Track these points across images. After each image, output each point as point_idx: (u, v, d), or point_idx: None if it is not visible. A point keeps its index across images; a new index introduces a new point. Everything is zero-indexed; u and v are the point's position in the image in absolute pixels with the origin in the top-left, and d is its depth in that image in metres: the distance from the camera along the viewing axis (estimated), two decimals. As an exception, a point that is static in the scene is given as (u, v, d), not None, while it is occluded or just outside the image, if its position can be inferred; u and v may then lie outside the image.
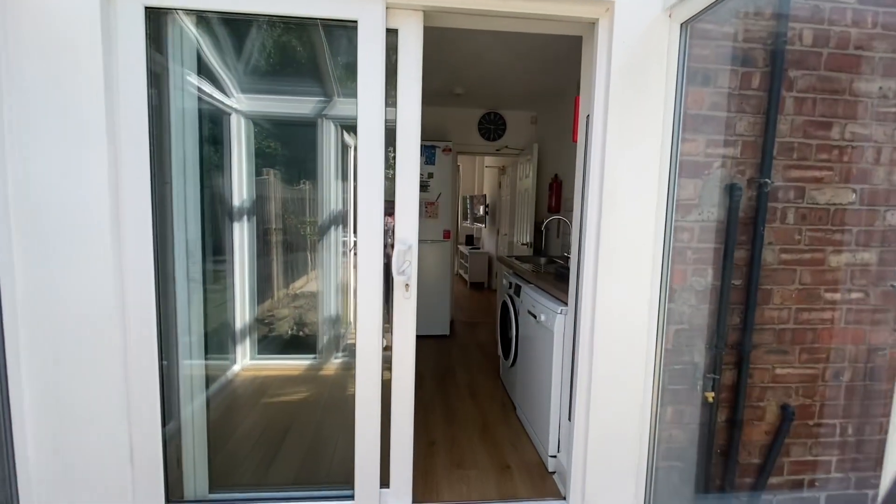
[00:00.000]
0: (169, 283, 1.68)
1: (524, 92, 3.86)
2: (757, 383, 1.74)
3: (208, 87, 1.82)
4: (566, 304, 1.95)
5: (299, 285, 2.63)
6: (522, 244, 4.19)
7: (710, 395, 1.65)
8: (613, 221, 1.57)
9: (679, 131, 1.56)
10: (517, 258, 3.39)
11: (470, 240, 7.61)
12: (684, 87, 1.55)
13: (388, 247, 1.61)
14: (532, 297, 2.31)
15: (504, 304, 2.90)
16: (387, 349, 1.69)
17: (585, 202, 1.64)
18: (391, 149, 1.59)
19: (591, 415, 1.64)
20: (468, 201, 7.72)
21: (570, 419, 1.86)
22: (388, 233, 1.61)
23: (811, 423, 1.78)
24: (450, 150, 3.97)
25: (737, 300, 1.68)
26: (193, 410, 1.78)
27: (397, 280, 1.57)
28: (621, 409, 1.65)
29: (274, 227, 2.42)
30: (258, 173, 2.54)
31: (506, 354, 2.84)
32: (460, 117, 4.54)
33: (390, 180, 1.60)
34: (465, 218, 7.96)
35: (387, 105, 1.56)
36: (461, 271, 7.67)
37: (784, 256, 1.68)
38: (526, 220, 4.12)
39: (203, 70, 1.78)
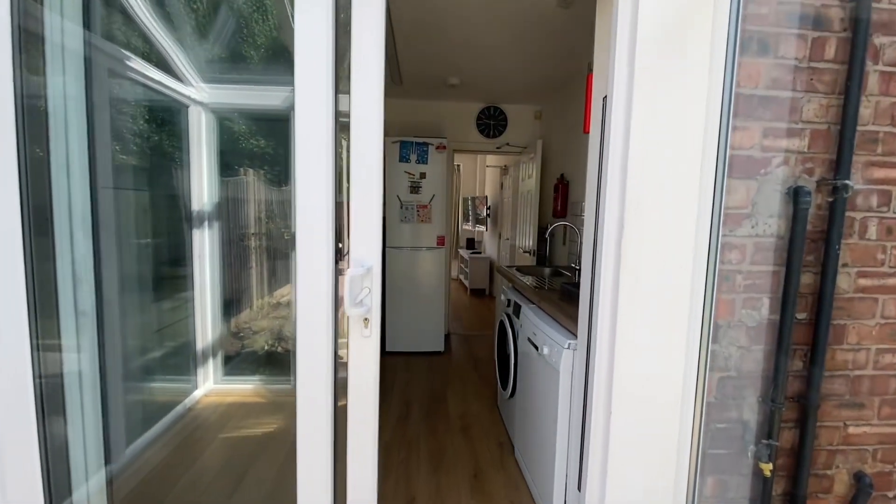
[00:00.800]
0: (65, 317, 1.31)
1: (526, 83, 3.47)
2: (824, 445, 1.34)
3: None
4: (575, 335, 1.56)
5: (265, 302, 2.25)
6: (524, 251, 3.79)
7: (767, 468, 1.25)
8: (639, 235, 1.17)
9: (728, 117, 1.17)
10: (518, 269, 3.00)
11: (471, 243, 7.22)
12: (735, 58, 1.16)
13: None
14: (533, 322, 1.92)
15: (502, 324, 2.51)
16: (342, 404, 1.30)
17: (602, 209, 1.25)
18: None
19: (609, 492, 1.24)
20: (470, 203, 7.34)
21: (579, 489, 1.46)
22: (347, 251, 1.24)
23: (893, 495, 1.38)
24: (444, 147, 3.58)
25: (801, 339, 1.28)
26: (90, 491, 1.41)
27: (352, 314, 1.19)
28: (648, 482, 1.25)
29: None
30: (229, 174, 2.19)
31: (503, 382, 2.45)
32: (457, 112, 4.15)
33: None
34: (466, 220, 7.58)
35: (340, 92, 1.19)
36: (461, 276, 7.28)
37: (863, 282, 1.28)
38: (529, 225, 3.73)
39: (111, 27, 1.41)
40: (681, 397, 1.23)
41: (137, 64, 2.12)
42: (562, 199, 3.33)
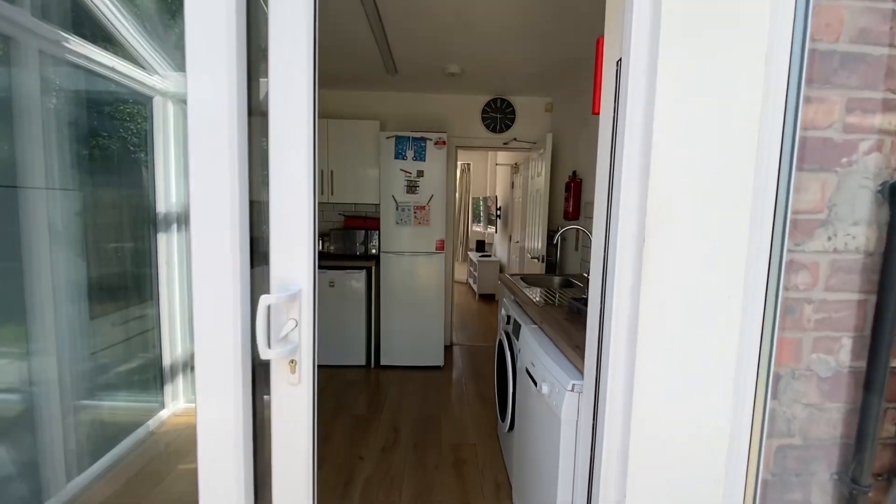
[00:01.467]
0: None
1: (535, 70, 3.12)
2: (925, 540, 0.97)
3: None
4: (582, 372, 1.22)
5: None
6: (533, 257, 3.44)
7: (851, 580, 0.90)
8: (665, 249, 0.84)
9: (798, 83, 0.82)
10: (524, 278, 2.66)
11: (481, 246, 6.88)
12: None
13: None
14: (531, 349, 1.59)
15: (500, 345, 2.17)
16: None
17: (614, 213, 0.91)
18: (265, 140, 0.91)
19: None
20: (481, 203, 7.00)
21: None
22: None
23: None
24: (443, 142, 3.27)
25: (895, 395, 0.92)
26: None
27: (272, 355, 0.88)
28: (678, 589, 0.91)
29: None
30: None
31: (501, 411, 2.12)
32: (460, 105, 3.82)
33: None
34: (477, 221, 7.24)
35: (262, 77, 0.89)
36: (470, 280, 6.95)
37: None
38: (538, 228, 3.38)
39: None
40: (724, 474, 0.89)
41: (86, 49, 1.86)
42: (574, 199, 2.98)
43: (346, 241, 3.53)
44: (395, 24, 2.40)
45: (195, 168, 0.85)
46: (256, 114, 0.92)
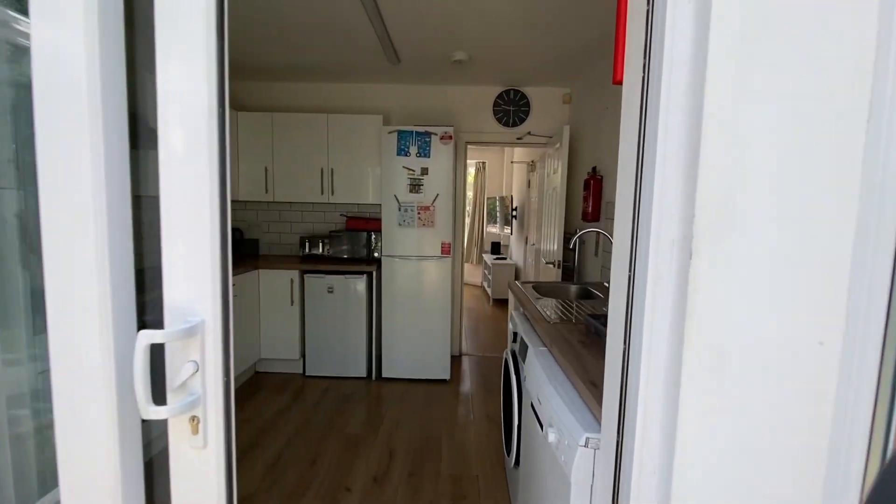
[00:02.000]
0: None
1: (550, 56, 2.83)
2: None
3: None
4: (600, 421, 0.94)
5: None
6: (548, 262, 3.14)
7: None
8: (723, 270, 0.56)
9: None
10: (537, 286, 2.37)
11: (496, 248, 6.59)
12: None
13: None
14: (538, 379, 1.31)
15: (506, 365, 1.90)
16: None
17: (645, 215, 0.63)
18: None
19: None
20: (497, 203, 6.70)
21: None
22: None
23: None
24: (450, 137, 3.00)
25: None
26: None
27: (165, 413, 0.64)
28: None
29: None
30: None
31: (507, 442, 1.84)
32: (469, 97, 3.55)
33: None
34: (493, 222, 6.95)
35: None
36: (485, 284, 6.66)
37: None
38: (554, 230, 3.08)
39: None
40: None
41: None
42: (594, 199, 2.67)
43: (347, 244, 3.31)
44: (398, 7, 2.16)
45: (43, 141, 0.61)
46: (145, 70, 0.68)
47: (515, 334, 1.82)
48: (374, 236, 3.30)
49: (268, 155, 3.33)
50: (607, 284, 2.16)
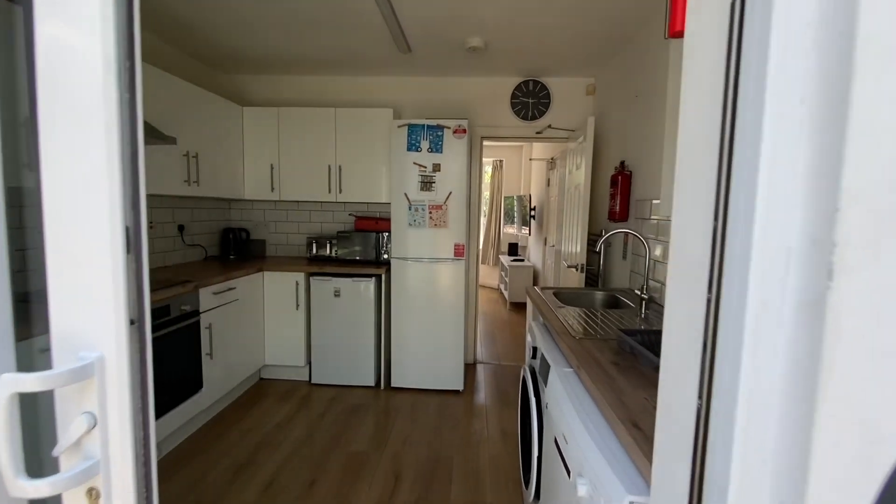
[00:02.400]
0: None
1: (574, 42, 2.59)
2: None
3: None
4: (646, 478, 0.73)
5: None
6: (570, 266, 2.91)
7: None
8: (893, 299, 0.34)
9: None
10: (558, 293, 2.15)
11: (514, 249, 6.35)
12: None
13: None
14: (563, 410, 1.09)
15: (523, 383, 1.69)
16: None
17: (733, 201, 0.41)
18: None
19: None
20: (514, 202, 6.46)
21: None
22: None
23: None
24: (463, 131, 2.80)
25: None
26: None
27: (46, 490, 0.45)
28: None
29: None
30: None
31: (525, 473, 1.63)
32: (485, 89, 3.34)
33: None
34: (510, 222, 6.71)
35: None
36: (501, 287, 6.43)
37: None
38: (576, 230, 2.85)
39: None
40: None
41: None
42: (622, 196, 2.43)
43: (355, 245, 3.14)
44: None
45: None
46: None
47: (535, 350, 1.61)
48: (384, 237, 3.12)
49: (274, 152, 3.18)
50: (638, 292, 1.92)
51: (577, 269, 2.75)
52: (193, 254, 3.12)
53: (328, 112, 3.11)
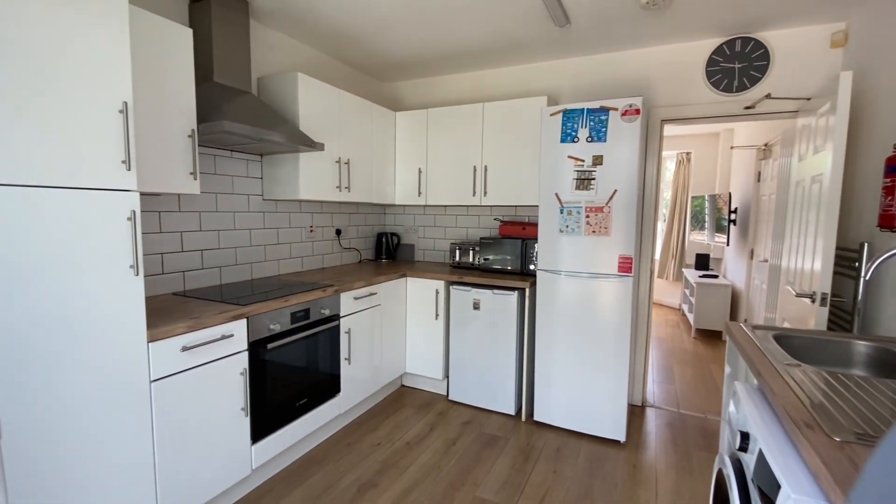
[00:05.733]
0: None
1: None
2: None
3: None
4: None
5: None
6: (801, 295, 1.98)
7: None
8: None
9: None
10: (783, 336, 1.42)
11: (703, 262, 5.12)
12: None
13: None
14: None
15: (718, 486, 1.08)
16: None
17: None
18: None
19: None
20: (705, 203, 5.21)
21: None
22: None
23: None
24: (636, 111, 2.19)
25: None
26: None
27: None
28: None
29: None
30: None
31: None
32: (667, 59, 2.62)
33: None
34: (699, 228, 5.45)
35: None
36: (684, 307, 5.27)
37: None
38: (812, 243, 1.94)
39: None
40: None
41: None
42: (910, 190, 1.50)
43: (499, 254, 2.81)
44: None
45: None
46: None
47: (746, 437, 1.00)
48: (532, 245, 2.71)
49: (422, 155, 3.10)
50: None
51: (814, 301, 1.86)
52: (349, 257, 3.26)
53: (475, 108, 2.87)
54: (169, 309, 1.74)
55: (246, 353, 1.81)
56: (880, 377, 1.27)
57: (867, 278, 1.27)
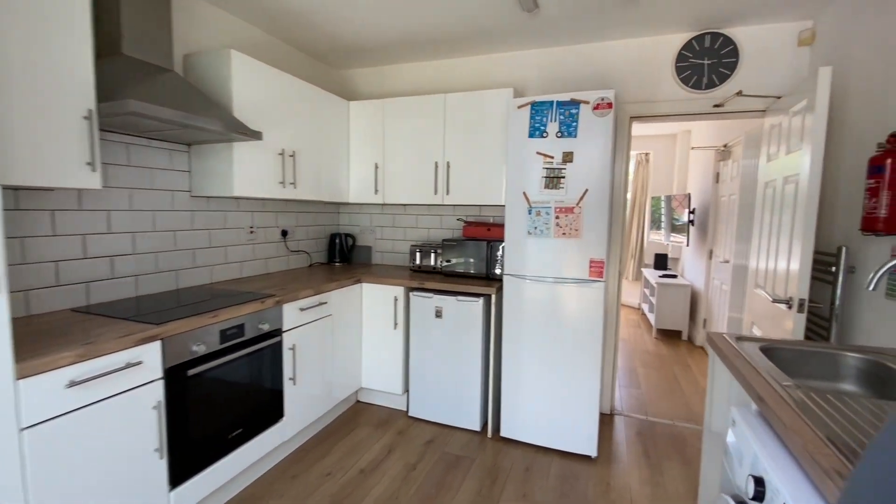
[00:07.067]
0: None
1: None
2: None
3: None
4: None
5: None
6: (777, 301, 1.91)
7: None
8: None
9: None
10: (770, 349, 1.30)
11: (662, 261, 5.17)
12: None
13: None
14: None
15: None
16: None
17: None
18: None
19: None
20: (661, 204, 5.27)
21: None
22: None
23: None
24: (609, 105, 2.05)
25: None
26: None
27: None
28: None
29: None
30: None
31: None
32: (637, 53, 2.52)
33: None
34: (656, 228, 5.52)
35: None
36: (644, 307, 5.31)
37: None
38: (788, 246, 1.87)
39: None
40: None
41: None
42: (892, 191, 1.43)
43: (462, 256, 2.61)
44: None
45: None
46: None
47: (762, 484, 0.83)
48: (498, 247, 2.53)
49: (378, 150, 2.84)
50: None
51: (789, 306, 1.78)
52: (297, 260, 2.95)
53: (437, 99, 2.65)
54: (60, 330, 1.40)
55: (161, 383, 1.50)
56: (882, 398, 1.17)
57: (871, 289, 1.16)
